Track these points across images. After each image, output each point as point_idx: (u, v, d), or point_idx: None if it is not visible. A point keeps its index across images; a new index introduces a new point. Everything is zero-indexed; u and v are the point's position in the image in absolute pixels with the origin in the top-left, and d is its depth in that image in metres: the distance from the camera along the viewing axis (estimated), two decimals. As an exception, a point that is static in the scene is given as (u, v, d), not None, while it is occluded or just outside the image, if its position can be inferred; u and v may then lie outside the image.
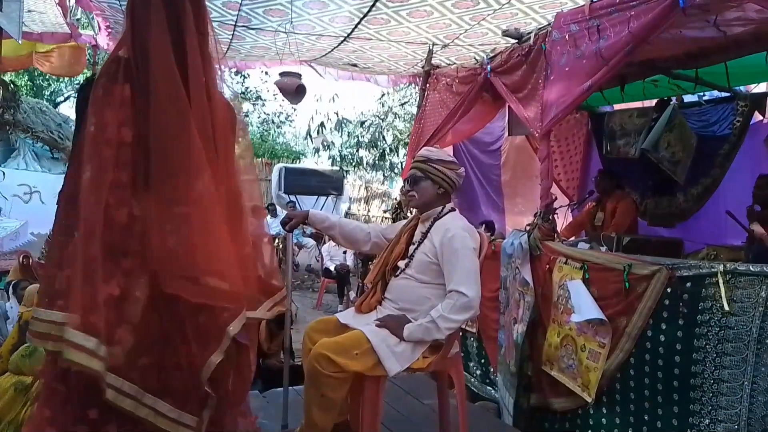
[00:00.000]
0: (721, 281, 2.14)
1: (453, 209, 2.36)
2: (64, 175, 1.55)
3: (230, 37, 4.79)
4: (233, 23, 4.43)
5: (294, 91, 4.64)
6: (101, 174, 1.39)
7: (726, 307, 2.12)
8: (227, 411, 1.55)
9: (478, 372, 3.74)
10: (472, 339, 3.79)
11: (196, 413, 1.44)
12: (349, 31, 4.57)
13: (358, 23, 4.32)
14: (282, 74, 4.87)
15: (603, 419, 2.67)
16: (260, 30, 4.64)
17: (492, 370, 3.54)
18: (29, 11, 4.77)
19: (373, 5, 3.92)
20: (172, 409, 1.40)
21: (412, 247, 2.29)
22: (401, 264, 2.31)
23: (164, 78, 1.42)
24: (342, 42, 4.91)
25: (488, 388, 3.60)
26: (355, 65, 5.78)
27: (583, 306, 2.65)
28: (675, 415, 2.30)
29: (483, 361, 3.70)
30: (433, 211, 2.32)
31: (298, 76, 4.84)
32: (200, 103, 1.46)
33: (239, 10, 4.12)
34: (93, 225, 1.36)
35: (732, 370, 2.11)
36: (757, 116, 4.16)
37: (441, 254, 2.19)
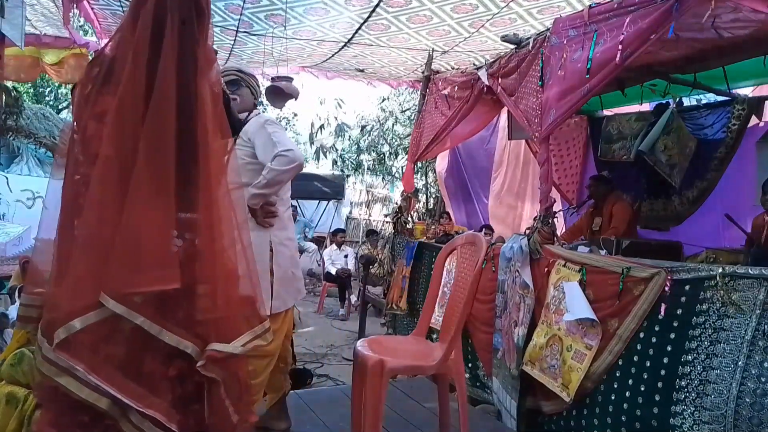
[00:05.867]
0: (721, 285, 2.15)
1: (259, 113, 2.57)
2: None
3: (232, 42, 4.81)
4: (235, 28, 4.45)
5: (294, 95, 4.64)
6: (86, 192, 1.39)
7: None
8: None
9: (468, 375, 3.73)
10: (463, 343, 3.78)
11: (160, 426, 1.34)
12: (349, 36, 4.60)
13: (359, 29, 4.35)
14: (275, 78, 4.86)
15: (582, 421, 2.67)
16: (262, 36, 4.67)
17: (483, 374, 3.55)
18: (31, 4, 4.78)
19: (374, 10, 3.94)
20: (135, 415, 1.33)
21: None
22: None
23: (163, 79, 1.37)
24: (343, 47, 4.94)
25: (479, 391, 3.60)
26: (361, 70, 5.82)
27: (576, 306, 2.66)
28: (654, 416, 2.29)
29: (472, 365, 3.68)
30: (242, 116, 2.48)
31: (290, 79, 4.84)
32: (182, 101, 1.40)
33: (241, 14, 4.15)
34: (81, 244, 1.38)
35: (720, 371, 2.10)
36: (754, 119, 4.18)
37: (255, 139, 2.38)
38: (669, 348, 2.30)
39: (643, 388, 2.37)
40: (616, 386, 2.51)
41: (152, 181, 1.37)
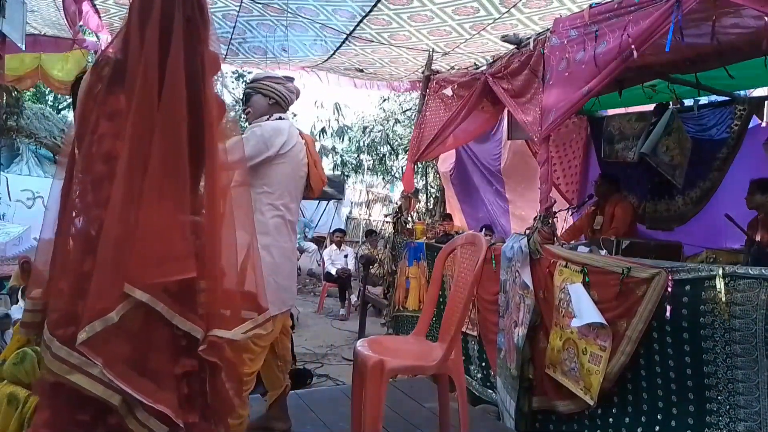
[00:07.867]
0: (720, 285, 2.15)
1: (281, 118, 2.47)
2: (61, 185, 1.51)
3: (231, 29, 4.73)
4: (236, 12, 4.37)
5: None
6: (94, 191, 1.40)
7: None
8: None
9: (479, 375, 3.75)
10: (473, 342, 3.80)
11: (166, 422, 1.36)
12: (351, 28, 4.55)
13: (360, 21, 4.32)
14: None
15: (610, 419, 2.67)
16: (261, 23, 4.60)
17: (493, 373, 3.55)
18: (31, 11, 4.79)
19: (375, 5, 3.91)
20: (142, 411, 1.34)
21: None
22: None
23: (172, 81, 1.39)
24: (344, 41, 4.91)
25: (489, 391, 3.60)
26: (361, 70, 5.80)
27: (584, 310, 2.66)
28: (691, 414, 2.31)
29: (484, 364, 3.70)
30: (260, 119, 2.45)
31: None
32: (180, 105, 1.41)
33: None
34: (87, 243, 1.38)
35: (745, 370, 2.12)
36: (756, 119, 4.18)
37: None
38: (687, 348, 2.31)
39: (674, 387, 2.39)
40: (644, 385, 2.52)
41: (167, 177, 1.39)
